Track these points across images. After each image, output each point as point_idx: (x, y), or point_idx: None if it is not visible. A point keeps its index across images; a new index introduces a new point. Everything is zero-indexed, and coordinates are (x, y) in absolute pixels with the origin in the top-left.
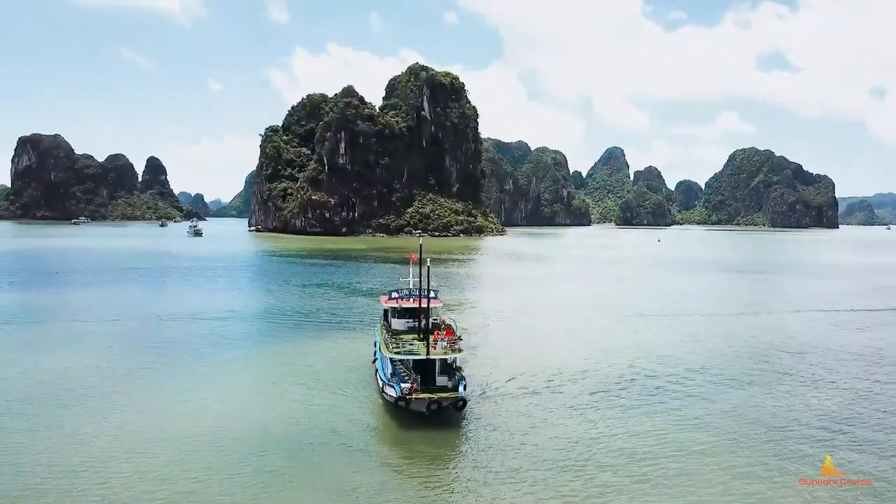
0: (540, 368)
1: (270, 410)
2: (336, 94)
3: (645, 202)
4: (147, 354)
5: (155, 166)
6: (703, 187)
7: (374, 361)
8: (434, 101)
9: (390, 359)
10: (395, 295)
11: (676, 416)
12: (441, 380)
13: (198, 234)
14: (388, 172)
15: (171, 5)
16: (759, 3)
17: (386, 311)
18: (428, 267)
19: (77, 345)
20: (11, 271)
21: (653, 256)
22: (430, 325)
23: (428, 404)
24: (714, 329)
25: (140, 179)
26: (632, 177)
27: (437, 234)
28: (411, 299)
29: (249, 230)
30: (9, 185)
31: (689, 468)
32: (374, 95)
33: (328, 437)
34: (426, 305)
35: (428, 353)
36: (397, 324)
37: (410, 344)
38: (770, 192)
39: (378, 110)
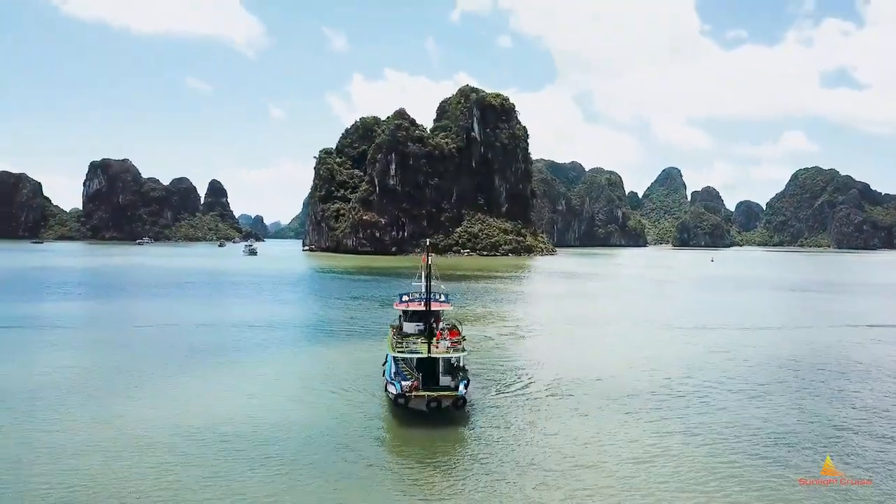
0: (556, 375)
1: (274, 407)
2: (388, 117)
3: (702, 223)
4: (175, 357)
5: (216, 189)
6: (765, 208)
7: (384, 364)
8: (484, 122)
9: (394, 357)
10: (405, 298)
11: (683, 420)
12: (445, 379)
13: (253, 253)
14: (438, 193)
15: (236, 36)
16: (822, 21)
17: (399, 314)
18: (429, 265)
19: (108, 346)
20: (73, 284)
21: (702, 275)
22: (439, 327)
23: (427, 402)
24: (747, 342)
25: (202, 202)
26: (689, 197)
27: (485, 253)
28: (420, 302)
29: (303, 250)
30: (80, 207)
31: (688, 468)
32: (429, 118)
33: (328, 433)
34: (433, 308)
35: (429, 352)
36: (408, 327)
37: (414, 343)
38: (835, 213)
39: (428, 132)
